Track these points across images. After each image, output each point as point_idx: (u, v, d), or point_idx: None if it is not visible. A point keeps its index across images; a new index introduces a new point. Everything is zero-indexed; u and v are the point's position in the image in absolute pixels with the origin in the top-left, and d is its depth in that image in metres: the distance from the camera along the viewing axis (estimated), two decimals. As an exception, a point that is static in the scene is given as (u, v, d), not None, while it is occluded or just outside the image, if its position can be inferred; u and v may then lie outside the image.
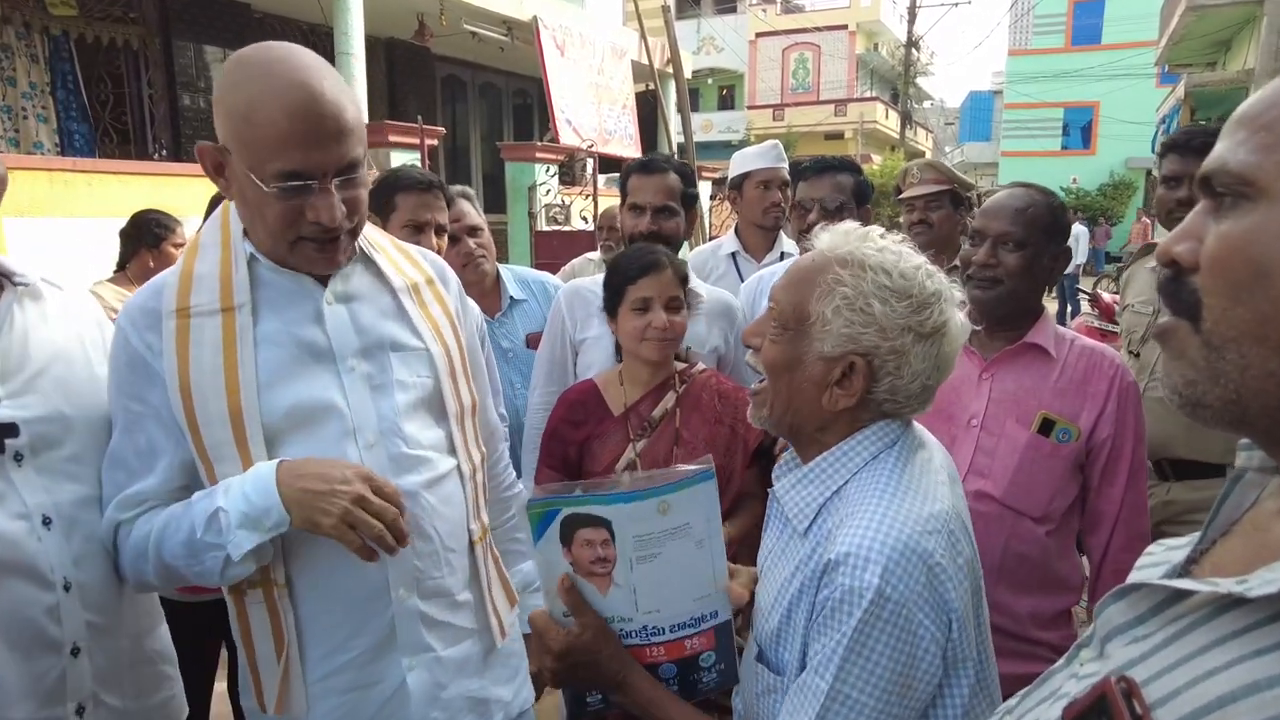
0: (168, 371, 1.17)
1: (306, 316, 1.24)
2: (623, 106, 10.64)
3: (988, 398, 1.75)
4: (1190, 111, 14.65)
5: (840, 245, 1.13)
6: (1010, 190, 1.81)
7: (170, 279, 1.22)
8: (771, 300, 1.17)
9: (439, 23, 8.47)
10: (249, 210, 1.18)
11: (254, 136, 1.11)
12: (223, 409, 1.17)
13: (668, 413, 1.97)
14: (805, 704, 1.01)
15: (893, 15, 32.34)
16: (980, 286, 1.72)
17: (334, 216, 1.16)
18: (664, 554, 1.16)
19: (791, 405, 1.12)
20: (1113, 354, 1.80)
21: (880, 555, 0.98)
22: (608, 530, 1.14)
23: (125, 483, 1.22)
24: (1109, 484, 1.73)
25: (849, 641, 0.98)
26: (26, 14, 6.87)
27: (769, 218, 2.91)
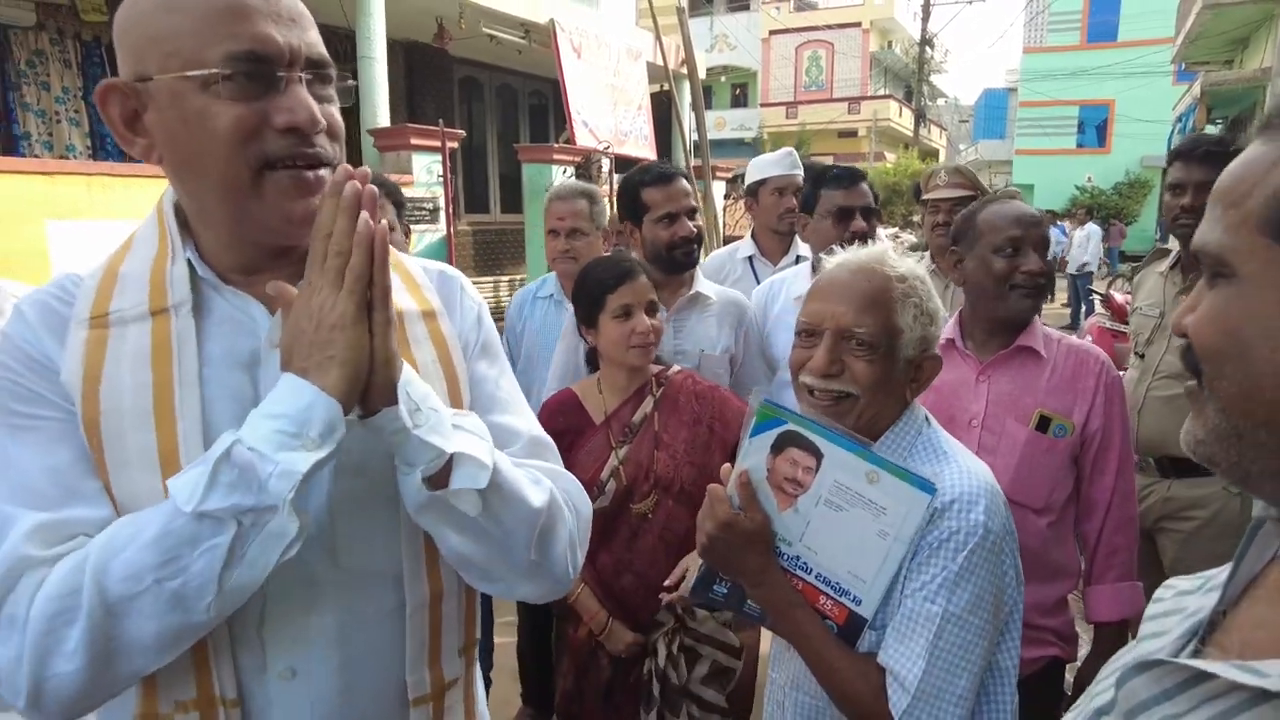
0: (70, 394, 0.84)
1: (236, 358, 0.89)
2: (638, 107, 10.75)
3: (986, 399, 1.84)
4: (1207, 110, 14.59)
5: (883, 264, 1.27)
6: (1010, 201, 1.91)
7: (88, 280, 0.90)
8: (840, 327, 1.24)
9: (458, 26, 8.62)
10: (186, 156, 0.85)
11: (181, 24, 0.81)
12: (148, 445, 0.83)
13: (647, 417, 1.98)
14: (919, 628, 1.15)
15: (906, 13, 32.27)
16: (1030, 295, 1.80)
17: (312, 114, 0.84)
18: (850, 514, 1.17)
19: (883, 408, 1.27)
20: (1097, 351, 1.90)
21: (980, 497, 1.18)
22: (816, 462, 1.17)
23: (36, 511, 0.80)
24: (1100, 473, 1.83)
25: (959, 570, 1.15)
26: (60, 20, 7.06)
27: (784, 223, 3.02)
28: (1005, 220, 1.83)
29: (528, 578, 0.97)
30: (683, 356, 2.33)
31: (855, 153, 29.45)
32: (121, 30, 0.85)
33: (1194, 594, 0.68)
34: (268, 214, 0.86)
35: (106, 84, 0.85)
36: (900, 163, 25.63)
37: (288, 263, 0.92)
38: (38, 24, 6.89)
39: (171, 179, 0.90)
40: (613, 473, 1.93)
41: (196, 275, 0.90)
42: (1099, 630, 1.89)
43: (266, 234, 0.89)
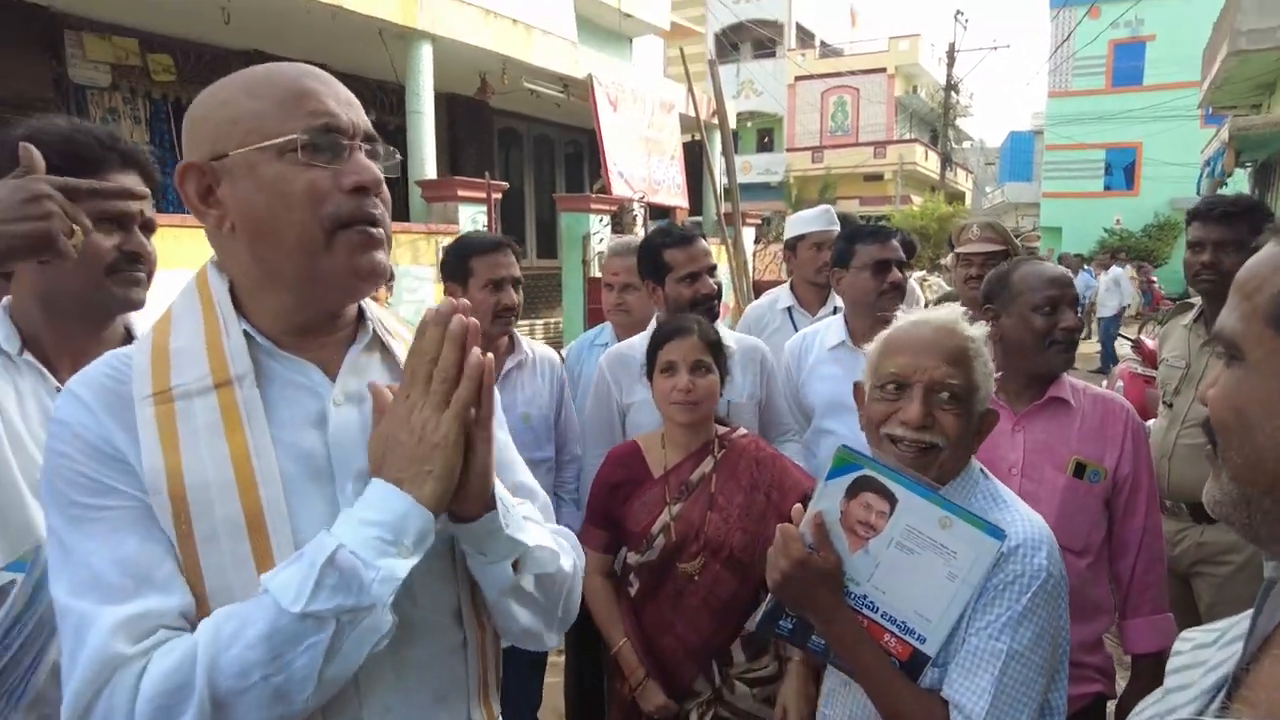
0: (150, 471, 0.86)
1: (305, 418, 0.95)
2: (671, 157, 11.06)
3: (1023, 448, 1.94)
4: (1235, 154, 14.58)
5: (958, 325, 1.37)
6: (1042, 262, 2.06)
7: (138, 358, 0.92)
8: (930, 380, 1.31)
9: (501, 81, 8.99)
10: (261, 220, 0.91)
11: (259, 106, 0.91)
12: (235, 515, 0.87)
13: (705, 477, 1.98)
14: (985, 664, 1.21)
15: (931, 59, 32.66)
16: (1066, 350, 1.93)
17: (376, 175, 0.94)
18: (920, 557, 1.22)
19: (959, 460, 1.35)
20: (1121, 399, 2.03)
21: (1043, 544, 1.27)
22: (890, 506, 1.22)
23: (114, 606, 0.82)
24: (1131, 515, 1.95)
25: (1023, 610, 1.22)
26: (133, 80, 7.54)
27: (823, 276, 3.13)
28: (1042, 281, 1.96)
29: (555, 632, 1.10)
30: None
31: (881, 196, 29.64)
32: (199, 118, 0.94)
33: (1211, 647, 0.71)
34: (338, 270, 0.93)
35: (185, 164, 0.93)
36: (927, 206, 25.75)
37: (335, 328, 1.01)
38: (112, 84, 7.36)
39: (239, 246, 0.94)
40: (663, 528, 1.94)
41: (252, 344, 0.94)
42: (1137, 662, 1.98)
43: (334, 291, 0.96)
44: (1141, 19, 24.11)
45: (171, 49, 7.79)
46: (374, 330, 1.04)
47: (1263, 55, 12.82)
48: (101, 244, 1.29)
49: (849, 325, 2.63)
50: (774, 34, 31.49)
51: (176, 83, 7.88)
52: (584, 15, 10.85)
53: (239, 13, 6.90)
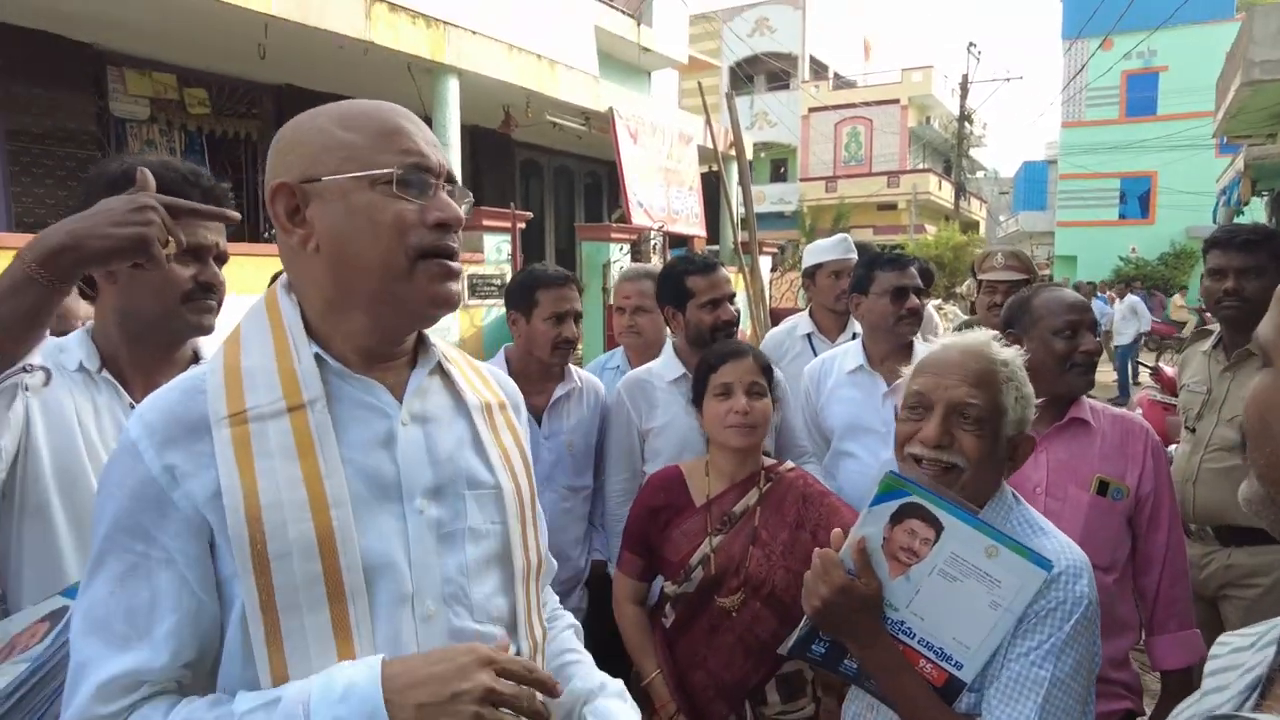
0: (228, 492, 0.89)
1: (374, 439, 0.99)
2: (689, 187, 11.22)
3: (1046, 468, 1.98)
4: (1251, 183, 14.61)
5: (988, 349, 1.38)
6: (1061, 288, 2.13)
7: (211, 379, 0.95)
8: (951, 401, 1.33)
9: (524, 114, 9.19)
10: (347, 243, 0.95)
11: (356, 139, 0.96)
12: (307, 534, 0.90)
13: (749, 510, 1.92)
14: (1028, 691, 1.21)
15: (944, 90, 32.93)
16: (1086, 372, 1.99)
17: (458, 214, 0.99)
18: (963, 585, 1.20)
19: (983, 483, 1.34)
20: (1138, 419, 2.08)
21: (1084, 571, 1.28)
22: (936, 534, 1.20)
23: (104, 658, 0.87)
24: (1154, 531, 1.98)
25: (1065, 637, 1.22)
26: (169, 114, 7.78)
27: (841, 303, 3.21)
28: (1062, 305, 2.02)
29: None
30: None
31: (895, 225, 29.74)
32: (294, 142, 0.99)
33: (1248, 650, 0.71)
34: (416, 297, 0.98)
35: (278, 183, 0.97)
36: (941, 235, 25.80)
37: (399, 353, 1.05)
38: (150, 117, 7.61)
39: (320, 267, 0.97)
40: (702, 560, 1.88)
41: (321, 367, 0.98)
42: (1166, 678, 2.01)
43: (408, 315, 1.01)
44: (1154, 50, 24.24)
45: (207, 83, 8.05)
46: (438, 357, 1.09)
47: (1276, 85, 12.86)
48: (180, 273, 1.40)
49: (867, 350, 2.69)
50: (788, 66, 31.88)
51: (211, 115, 8.13)
52: (604, 50, 11.09)
53: (274, 48, 7.14)
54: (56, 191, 7.03)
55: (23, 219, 6.78)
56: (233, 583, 0.91)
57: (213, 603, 0.92)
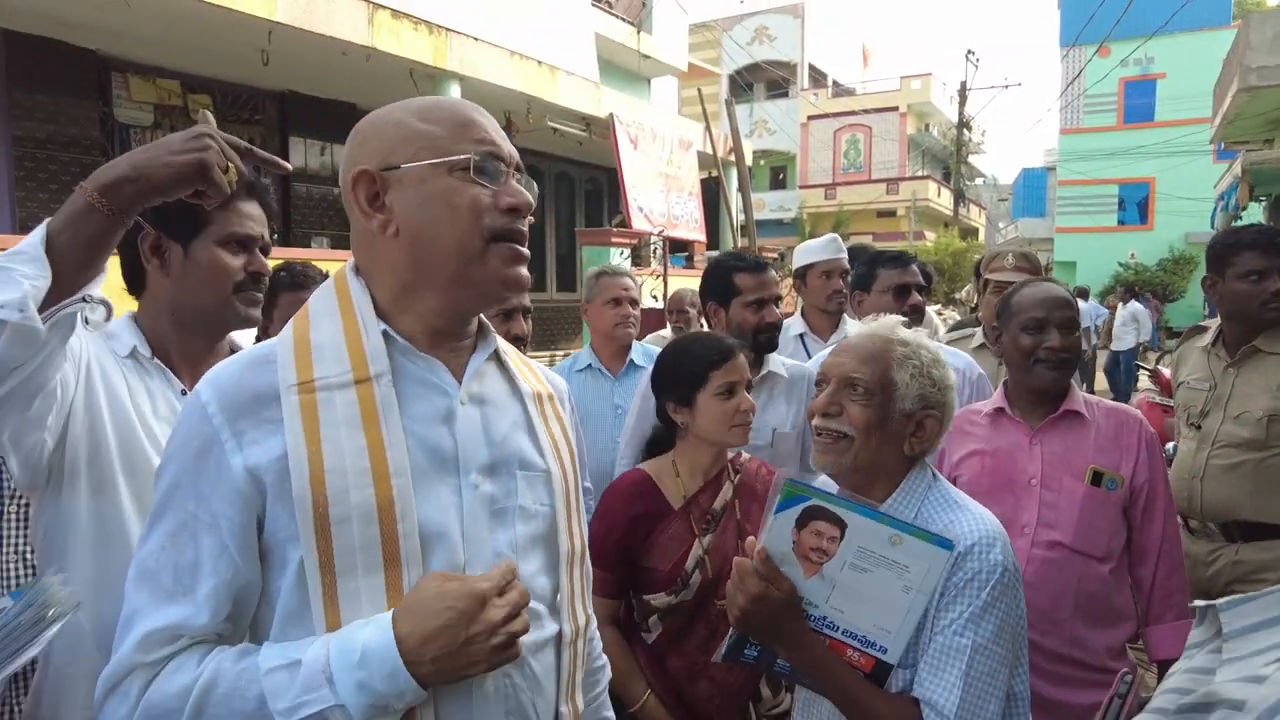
0: (294, 456, 0.94)
1: (435, 414, 1.03)
2: (689, 193, 11.29)
3: (1041, 459, 2.01)
4: (1249, 188, 14.64)
5: (889, 331, 1.47)
6: (1042, 283, 2.14)
7: (281, 349, 1.00)
8: (843, 374, 1.43)
9: (525, 120, 9.26)
10: (425, 226, 1.01)
11: (432, 129, 1.02)
12: (368, 500, 0.94)
13: (728, 504, 1.89)
14: (952, 660, 1.27)
15: (943, 97, 33.03)
16: (1055, 368, 2.00)
17: (529, 199, 1.04)
18: (875, 574, 1.25)
19: (879, 454, 1.41)
20: (1133, 410, 2.10)
21: (996, 540, 1.34)
22: (841, 531, 1.25)
23: (151, 609, 0.94)
24: (1149, 521, 2.00)
25: (983, 605, 1.29)
26: (173, 119, 7.83)
27: (832, 303, 3.22)
28: (1032, 302, 2.04)
29: None
30: (756, 434, 2.27)
31: (894, 232, 29.82)
32: (371, 133, 1.04)
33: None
34: (488, 277, 1.03)
35: (359, 170, 1.02)
36: (940, 241, 25.89)
37: (463, 336, 1.09)
38: (155, 123, 7.67)
39: (398, 250, 1.02)
40: (697, 563, 1.82)
41: (388, 344, 1.02)
42: (1162, 668, 2.02)
43: (480, 295, 1.06)
44: (1151, 57, 24.35)
45: (211, 89, 8.12)
46: (496, 345, 1.14)
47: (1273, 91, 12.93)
48: (231, 263, 1.45)
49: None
50: (787, 74, 32.00)
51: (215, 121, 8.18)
52: (605, 57, 11.17)
53: (277, 55, 7.19)
54: (61, 197, 7.02)
55: (27, 224, 6.83)
56: (288, 545, 0.95)
57: (250, 569, 0.97)
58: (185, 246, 1.43)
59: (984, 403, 2.24)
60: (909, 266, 2.81)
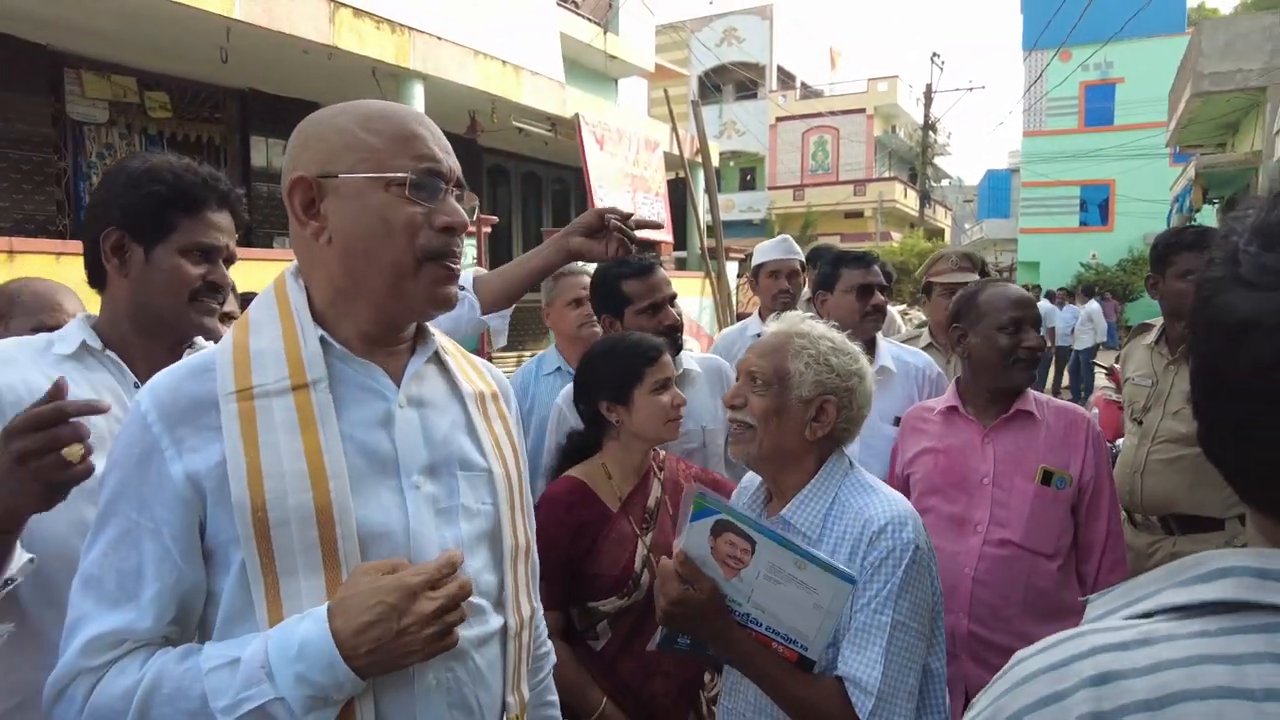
0: (232, 462, 0.95)
1: (373, 418, 1.04)
2: (656, 194, 11.30)
3: (993, 459, 2.05)
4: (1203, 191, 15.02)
5: (791, 325, 1.55)
6: (1004, 284, 2.18)
7: (220, 357, 1.01)
8: (747, 369, 1.52)
9: (490, 120, 9.19)
10: (359, 240, 1.01)
11: (374, 141, 1.01)
12: (305, 503, 0.95)
13: (660, 500, 1.92)
14: (873, 637, 1.34)
15: (909, 99, 33.45)
16: (1029, 367, 2.05)
17: (464, 219, 1.05)
18: (786, 588, 1.30)
19: (781, 440, 1.48)
20: (1080, 410, 2.14)
21: (908, 519, 1.41)
22: (751, 546, 1.30)
23: (95, 615, 0.95)
24: (1095, 519, 2.05)
25: (899, 583, 1.35)
26: (129, 117, 7.65)
27: (778, 302, 3.27)
28: (1006, 302, 2.07)
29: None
30: (686, 437, 2.33)
31: (861, 233, 30.13)
32: (314, 136, 1.04)
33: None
34: (419, 295, 1.04)
35: (297, 176, 1.02)
36: (906, 242, 26.22)
37: (399, 340, 1.11)
38: (109, 120, 7.49)
39: (332, 258, 1.03)
40: (645, 562, 1.82)
41: (325, 349, 1.04)
42: None
43: (410, 311, 1.08)
44: (1110, 62, 24.88)
45: (168, 86, 7.94)
46: (435, 346, 1.16)
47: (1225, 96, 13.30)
48: (190, 272, 1.43)
49: None
50: (756, 76, 32.19)
51: (173, 119, 8.01)
52: (571, 57, 11.14)
53: (237, 52, 7.07)
54: (11, 195, 6.89)
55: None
56: (230, 548, 0.97)
57: (193, 573, 0.98)
58: (148, 250, 1.41)
59: (936, 400, 2.27)
60: (871, 266, 2.85)
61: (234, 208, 1.50)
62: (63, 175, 7.30)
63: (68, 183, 7.35)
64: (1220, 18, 17.34)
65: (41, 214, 7.09)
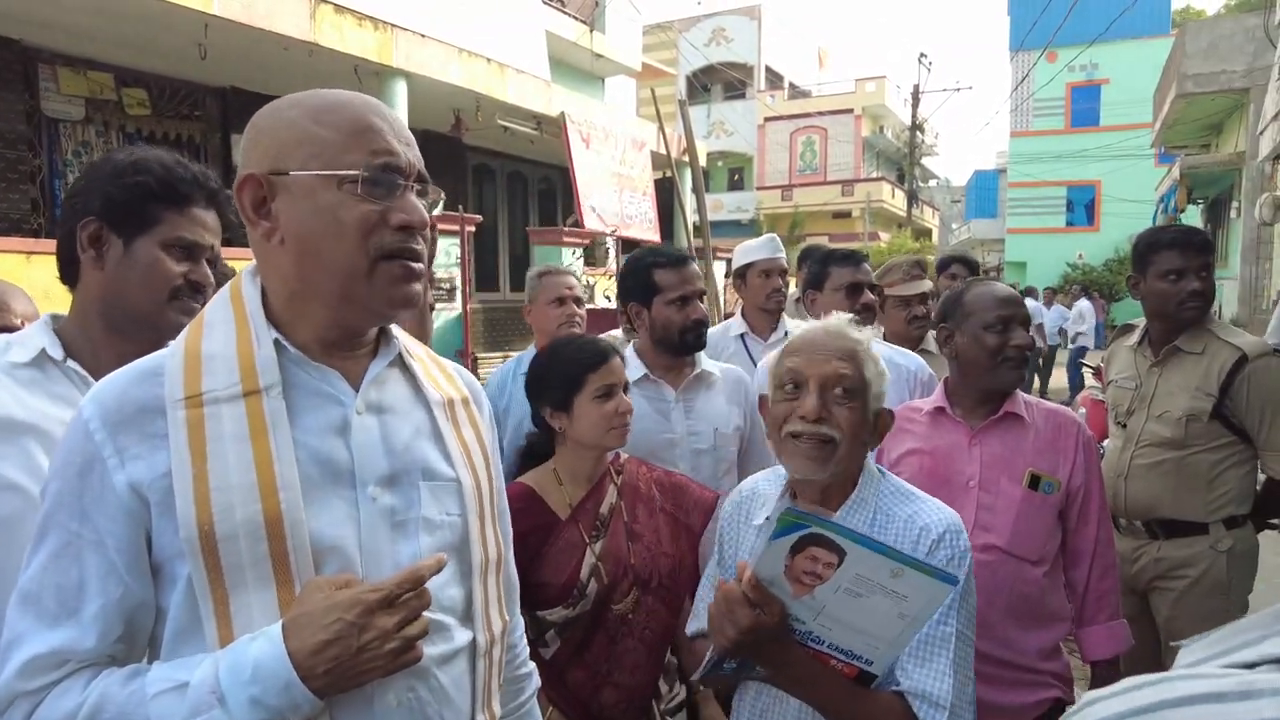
0: (178, 474, 0.90)
1: (329, 425, 0.99)
2: (643, 193, 11.26)
3: (980, 461, 2.00)
4: (1187, 191, 15.13)
5: (845, 327, 1.46)
6: (991, 283, 2.15)
7: (170, 361, 0.96)
8: (834, 374, 1.38)
9: (475, 118, 9.13)
10: (311, 241, 0.96)
11: (326, 135, 0.96)
12: (254, 516, 0.91)
13: (614, 508, 1.86)
14: (938, 648, 1.29)
15: (897, 100, 33.54)
16: (1017, 366, 2.01)
17: (423, 217, 0.99)
18: (869, 600, 1.20)
19: (853, 456, 1.40)
20: (1071, 413, 2.10)
21: (960, 527, 1.38)
22: (839, 558, 1.19)
23: (33, 634, 0.90)
24: (1084, 524, 2.01)
25: (961, 592, 1.30)
26: (106, 114, 7.55)
27: (771, 302, 3.19)
28: (994, 301, 2.02)
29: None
30: (696, 437, 2.32)
31: (849, 233, 30.17)
32: (264, 130, 0.99)
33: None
34: (375, 297, 0.98)
35: (246, 175, 0.97)
36: (894, 242, 26.28)
37: (360, 344, 1.05)
38: (86, 118, 7.38)
39: (285, 258, 0.97)
40: (592, 571, 1.78)
41: (280, 353, 0.98)
42: (1095, 668, 2.04)
43: (368, 313, 1.01)
44: (1096, 63, 25.02)
45: (146, 83, 7.83)
46: (399, 350, 1.09)
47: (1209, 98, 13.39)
48: (171, 268, 1.35)
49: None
50: (744, 76, 32.21)
51: (151, 117, 7.90)
52: (557, 55, 11.09)
53: (216, 49, 6.97)
54: (-16, 193, 6.78)
55: (-53, 222, 6.52)
56: (176, 562, 0.92)
57: (141, 588, 0.93)
58: (127, 242, 1.33)
59: (924, 400, 2.22)
60: (861, 265, 2.82)
61: (222, 208, 1.42)
62: (37, 173, 7.19)
63: (42, 180, 7.24)
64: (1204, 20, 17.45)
65: (15, 212, 6.97)
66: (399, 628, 0.91)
